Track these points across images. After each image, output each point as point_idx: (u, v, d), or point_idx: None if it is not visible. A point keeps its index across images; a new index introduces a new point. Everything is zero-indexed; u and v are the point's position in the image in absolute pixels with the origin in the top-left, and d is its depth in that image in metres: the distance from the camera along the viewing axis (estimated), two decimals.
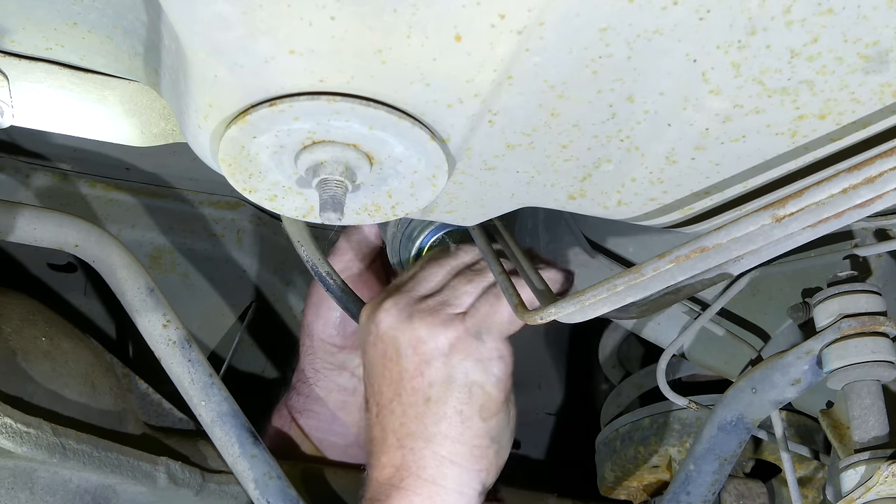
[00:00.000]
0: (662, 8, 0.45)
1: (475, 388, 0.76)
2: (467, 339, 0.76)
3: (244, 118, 0.51)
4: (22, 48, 0.62)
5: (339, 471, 0.95)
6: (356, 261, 0.95)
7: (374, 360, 0.79)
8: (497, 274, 0.76)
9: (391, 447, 0.77)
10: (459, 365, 0.76)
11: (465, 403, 0.76)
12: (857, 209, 0.54)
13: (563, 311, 0.66)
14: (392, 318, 0.78)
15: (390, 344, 0.77)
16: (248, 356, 1.23)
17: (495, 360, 0.77)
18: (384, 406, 0.78)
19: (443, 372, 0.76)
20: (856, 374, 0.69)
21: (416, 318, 0.77)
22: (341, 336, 0.95)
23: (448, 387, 0.76)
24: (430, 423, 0.76)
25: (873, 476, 0.66)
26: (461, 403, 0.76)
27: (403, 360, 0.77)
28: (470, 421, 0.76)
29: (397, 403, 0.77)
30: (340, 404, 0.98)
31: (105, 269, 0.83)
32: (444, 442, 0.76)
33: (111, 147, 1.04)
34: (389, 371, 0.78)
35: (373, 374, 0.79)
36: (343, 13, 0.45)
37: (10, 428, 0.74)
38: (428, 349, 0.76)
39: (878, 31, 0.47)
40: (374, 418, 0.79)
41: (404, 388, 0.77)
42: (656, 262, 0.60)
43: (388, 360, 0.78)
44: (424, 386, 0.76)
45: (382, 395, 0.78)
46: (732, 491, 0.94)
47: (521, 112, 0.53)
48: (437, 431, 0.76)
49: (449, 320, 0.76)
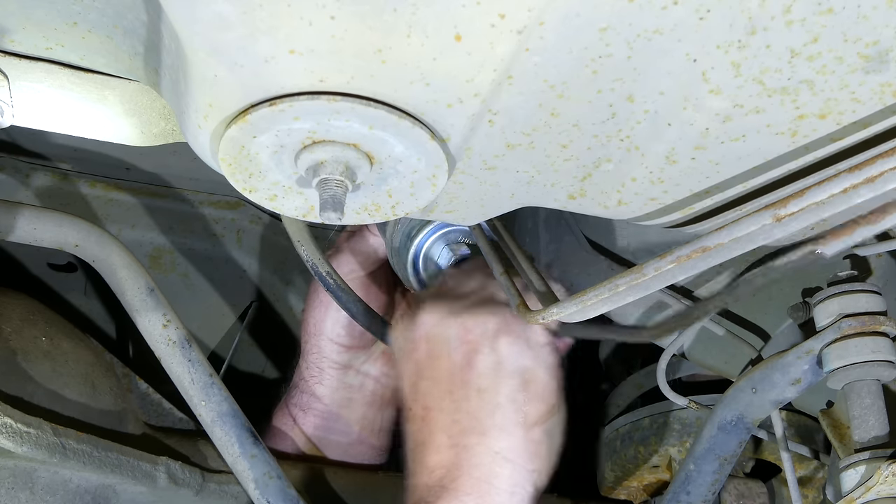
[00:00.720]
0: (662, 8, 0.45)
1: (527, 374, 0.73)
2: (514, 322, 0.73)
3: (244, 118, 0.51)
4: (22, 48, 0.62)
5: (339, 471, 0.95)
6: (359, 269, 0.95)
7: (419, 363, 0.76)
8: (498, 274, 0.76)
9: (441, 447, 0.73)
10: (508, 349, 0.72)
11: (518, 391, 0.72)
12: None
13: (565, 312, 0.66)
14: (435, 317, 0.75)
15: (436, 342, 0.74)
16: (248, 356, 1.23)
17: (544, 346, 0.74)
18: (432, 407, 0.74)
19: (491, 358, 0.72)
20: (856, 373, 0.69)
21: (460, 311, 0.74)
22: (349, 336, 0.96)
23: (498, 373, 0.72)
24: (483, 415, 0.72)
25: (873, 476, 0.66)
26: (514, 391, 0.72)
27: (452, 353, 0.73)
28: (524, 409, 0.72)
29: (448, 401, 0.73)
30: (345, 402, 0.98)
31: (105, 269, 0.83)
32: (499, 436, 0.72)
33: (111, 147, 1.04)
34: (437, 369, 0.74)
35: (419, 378, 0.76)
36: (343, 13, 0.45)
37: (10, 428, 0.74)
38: (475, 336, 0.73)
39: (879, 30, 0.47)
40: (419, 423, 0.75)
41: (454, 384, 0.73)
42: (658, 262, 0.60)
43: (434, 359, 0.75)
44: (475, 377, 0.72)
45: (430, 395, 0.74)
46: (732, 491, 0.94)
47: (521, 112, 0.53)
48: (492, 424, 0.72)
49: (494, 308, 0.73)
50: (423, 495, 0.73)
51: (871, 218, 0.53)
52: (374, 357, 0.98)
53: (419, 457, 0.75)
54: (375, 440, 1.00)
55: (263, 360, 1.25)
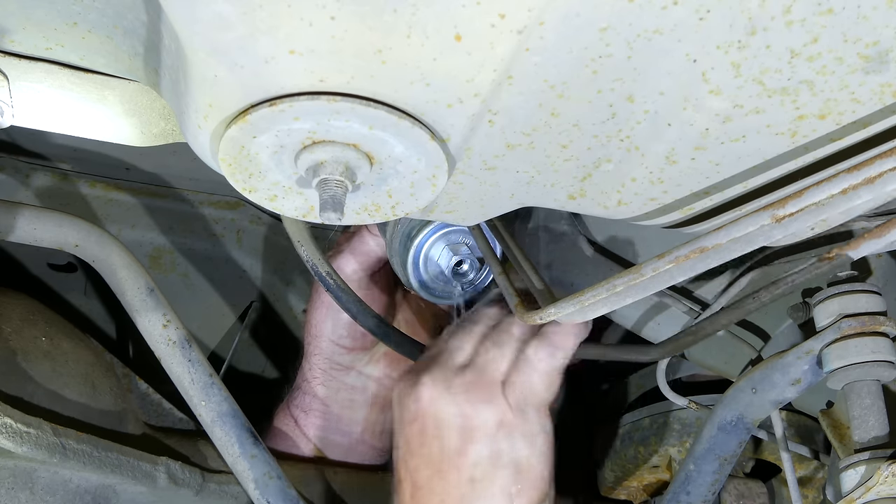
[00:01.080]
0: (662, 8, 0.45)
1: (522, 464, 0.73)
2: (512, 414, 0.73)
3: (244, 118, 0.51)
4: (22, 48, 0.62)
5: (339, 471, 0.95)
6: (360, 270, 0.95)
7: (411, 436, 0.75)
8: (497, 274, 0.76)
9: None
10: (505, 442, 0.72)
11: (512, 482, 0.72)
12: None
13: (563, 312, 0.66)
14: (431, 392, 0.74)
15: (431, 420, 0.74)
16: (248, 356, 1.23)
17: (540, 435, 0.74)
18: (422, 486, 0.74)
19: (488, 450, 0.72)
20: (856, 373, 0.69)
21: (456, 391, 0.73)
22: (351, 337, 0.95)
23: (494, 465, 0.72)
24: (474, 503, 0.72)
25: (873, 476, 0.66)
26: (508, 482, 0.72)
27: (445, 436, 0.73)
28: (516, 500, 0.72)
29: (439, 483, 0.73)
30: (347, 402, 0.98)
31: (105, 269, 0.83)
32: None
33: (111, 147, 1.04)
34: (429, 448, 0.74)
35: (409, 451, 0.75)
36: (343, 13, 0.45)
37: (10, 428, 0.74)
38: (473, 426, 0.73)
39: (878, 31, 0.47)
40: (407, 499, 0.75)
41: (446, 467, 0.73)
42: (656, 263, 0.60)
43: (426, 437, 0.74)
44: (468, 465, 0.72)
45: (419, 473, 0.74)
46: (732, 491, 0.94)
47: (521, 112, 0.53)
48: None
49: (492, 395, 0.73)
50: None
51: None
52: (375, 358, 0.98)
53: None
54: (377, 441, 1.00)
55: (263, 360, 1.25)
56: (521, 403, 0.74)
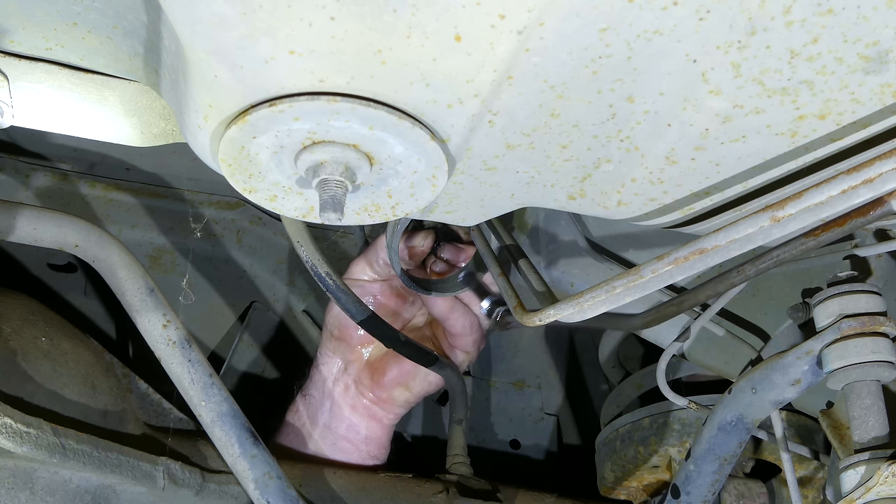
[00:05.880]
0: (662, 8, 0.45)
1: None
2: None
3: (244, 118, 0.51)
4: (22, 48, 0.62)
5: (339, 471, 0.95)
6: (378, 279, 0.96)
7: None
8: (496, 275, 0.76)
9: None
10: None
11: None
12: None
13: (562, 313, 0.66)
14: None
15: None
16: (248, 356, 1.23)
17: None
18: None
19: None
20: (856, 374, 0.69)
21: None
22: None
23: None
24: None
25: (873, 476, 0.66)
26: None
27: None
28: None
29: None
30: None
31: (105, 269, 0.83)
32: None
33: (111, 147, 1.04)
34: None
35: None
36: (343, 13, 0.45)
37: (10, 428, 0.74)
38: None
39: (878, 31, 0.47)
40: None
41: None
42: (655, 264, 0.60)
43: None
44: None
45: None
46: (732, 491, 0.94)
47: (521, 112, 0.53)
48: None
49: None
50: None
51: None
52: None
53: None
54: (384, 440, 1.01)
55: (263, 360, 1.25)
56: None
